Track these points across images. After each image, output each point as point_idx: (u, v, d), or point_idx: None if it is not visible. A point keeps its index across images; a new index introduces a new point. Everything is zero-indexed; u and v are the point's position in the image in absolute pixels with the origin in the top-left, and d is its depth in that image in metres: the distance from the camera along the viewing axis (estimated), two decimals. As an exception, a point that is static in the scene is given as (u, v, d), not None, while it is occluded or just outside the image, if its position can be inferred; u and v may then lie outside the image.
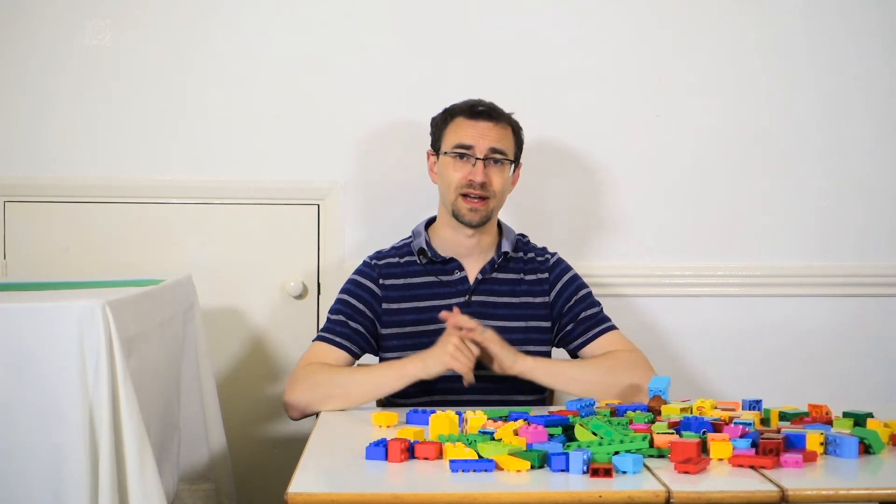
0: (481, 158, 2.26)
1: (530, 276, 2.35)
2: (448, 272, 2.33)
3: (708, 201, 2.86)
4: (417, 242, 2.34)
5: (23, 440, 1.71)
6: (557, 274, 2.36)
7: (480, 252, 2.34)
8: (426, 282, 2.33)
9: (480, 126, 2.28)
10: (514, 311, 2.32)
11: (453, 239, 2.33)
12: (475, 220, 2.27)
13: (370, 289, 2.32)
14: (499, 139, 2.28)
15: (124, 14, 2.73)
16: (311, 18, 2.76)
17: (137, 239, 2.74)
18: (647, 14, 2.83)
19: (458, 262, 2.33)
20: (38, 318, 1.72)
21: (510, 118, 2.34)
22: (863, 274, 2.87)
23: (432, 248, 2.33)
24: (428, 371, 2.12)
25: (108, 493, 1.69)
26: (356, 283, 2.33)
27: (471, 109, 2.30)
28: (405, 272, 2.33)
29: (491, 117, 2.29)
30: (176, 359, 2.28)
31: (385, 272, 2.33)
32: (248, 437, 2.76)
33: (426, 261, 2.33)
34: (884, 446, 1.78)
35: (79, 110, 2.73)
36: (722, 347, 2.86)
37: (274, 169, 2.77)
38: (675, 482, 1.59)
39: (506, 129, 2.31)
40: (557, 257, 2.40)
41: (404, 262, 2.34)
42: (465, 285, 2.32)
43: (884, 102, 2.86)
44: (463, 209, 2.27)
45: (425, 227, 2.38)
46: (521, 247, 2.39)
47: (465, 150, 2.27)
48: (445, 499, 1.56)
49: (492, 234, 2.36)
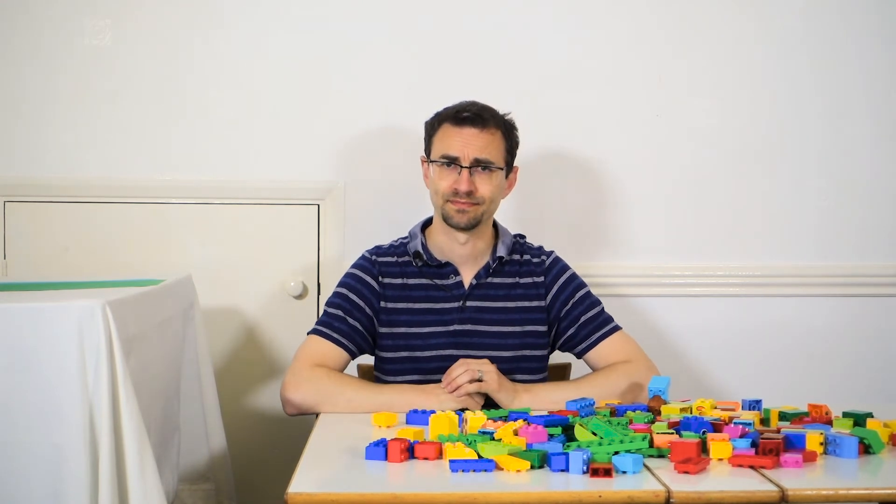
0: (467, 167, 2.23)
1: (525, 280, 2.33)
2: (443, 276, 2.31)
3: (708, 201, 2.86)
4: (413, 245, 2.32)
5: (23, 440, 1.71)
6: (553, 276, 2.34)
7: (475, 257, 2.32)
8: (421, 283, 2.31)
9: (465, 134, 2.24)
10: (510, 316, 2.31)
11: (447, 245, 2.31)
12: (463, 222, 2.25)
13: (370, 285, 2.30)
14: (484, 147, 2.24)
15: (124, 14, 2.73)
16: (311, 18, 2.76)
17: (137, 239, 2.74)
18: (647, 14, 2.83)
19: (453, 266, 2.31)
20: (38, 318, 1.72)
21: (500, 120, 2.29)
22: (863, 274, 2.87)
23: (428, 252, 2.31)
24: (441, 406, 2.11)
25: (108, 493, 1.69)
26: (356, 277, 2.32)
27: (456, 115, 2.26)
28: (402, 272, 2.32)
29: (475, 123, 2.24)
30: (176, 359, 2.28)
31: (384, 270, 2.32)
32: (248, 437, 2.76)
33: (422, 264, 2.32)
34: (884, 446, 1.78)
35: (79, 110, 2.73)
36: (722, 347, 2.86)
37: (274, 169, 2.77)
38: (675, 482, 1.59)
39: (493, 135, 2.26)
40: (553, 257, 2.38)
41: (401, 262, 2.33)
42: (460, 290, 2.31)
43: (884, 102, 2.86)
44: (451, 211, 2.25)
45: (422, 230, 2.36)
46: (518, 248, 2.36)
47: (451, 160, 2.24)
48: (445, 499, 1.56)
49: (486, 240, 2.33)
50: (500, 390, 2.12)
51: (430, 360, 2.27)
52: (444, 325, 2.28)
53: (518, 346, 2.29)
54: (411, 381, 2.26)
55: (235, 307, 2.77)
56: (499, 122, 2.29)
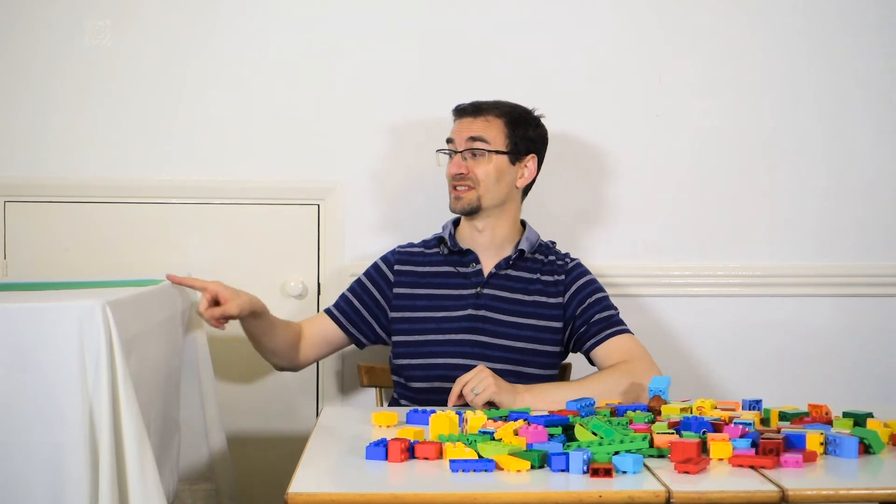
0: (459, 151, 2.36)
1: (547, 277, 2.40)
2: (465, 264, 2.41)
3: (708, 201, 2.86)
4: (443, 234, 2.44)
5: (23, 440, 1.70)
6: (574, 277, 2.41)
7: (498, 247, 2.42)
8: (443, 271, 2.42)
9: (462, 122, 2.41)
10: (525, 309, 2.36)
11: (469, 233, 2.43)
12: (458, 208, 2.38)
13: (384, 273, 2.45)
14: (478, 129, 2.37)
15: (124, 14, 2.73)
16: (312, 18, 2.76)
17: (137, 239, 2.74)
18: (647, 14, 2.83)
19: (475, 254, 2.41)
20: (38, 318, 1.72)
21: (504, 110, 2.40)
22: (863, 274, 2.87)
23: (453, 240, 2.42)
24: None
25: (108, 493, 1.68)
26: (376, 266, 2.49)
27: (456, 108, 2.44)
28: (426, 261, 2.44)
29: (469, 112, 2.40)
30: (176, 359, 2.28)
31: (404, 258, 2.45)
32: (248, 437, 2.76)
33: (447, 251, 2.42)
34: (884, 446, 1.79)
35: (79, 110, 2.73)
36: (722, 347, 2.85)
37: (274, 169, 2.77)
38: (675, 482, 1.59)
39: (488, 121, 2.38)
40: (577, 262, 2.46)
41: (430, 253, 2.45)
42: (479, 278, 2.39)
43: (884, 102, 2.86)
44: (452, 199, 2.39)
45: (453, 224, 2.47)
46: (544, 250, 2.45)
47: (450, 144, 2.41)
48: (445, 499, 1.56)
49: (506, 230, 2.42)
50: (501, 392, 2.13)
51: (442, 344, 2.34)
52: (460, 309, 2.36)
53: (531, 339, 2.34)
54: (422, 364, 2.35)
55: (235, 307, 2.76)
56: (502, 111, 2.40)
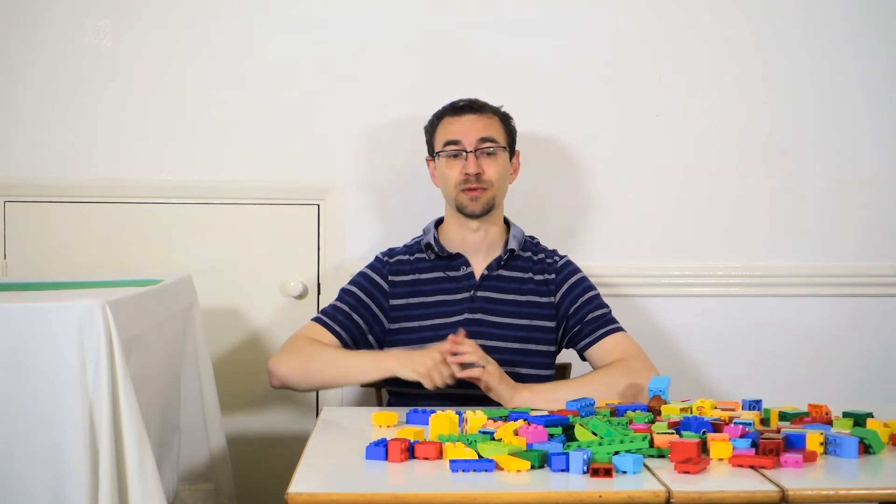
0: (472, 151, 2.32)
1: (539, 276, 2.39)
2: (455, 268, 2.37)
3: (708, 201, 2.86)
4: (426, 238, 2.39)
5: (23, 440, 1.70)
6: (565, 275, 2.39)
7: (487, 248, 2.38)
8: (433, 277, 2.37)
9: (465, 120, 2.36)
10: (519, 309, 2.35)
11: (460, 235, 2.38)
12: (478, 209, 2.32)
13: (379, 284, 2.36)
14: (485, 128, 2.34)
15: (124, 14, 2.73)
16: (311, 18, 2.76)
17: (137, 239, 2.74)
18: (647, 14, 2.83)
19: (464, 257, 2.37)
20: (38, 318, 1.72)
21: (496, 108, 2.40)
22: (863, 274, 2.87)
23: (440, 244, 2.37)
24: (403, 372, 2.13)
25: (108, 493, 1.68)
26: (366, 276, 2.39)
27: (452, 107, 2.40)
28: (414, 268, 2.38)
29: (473, 109, 2.37)
30: (176, 359, 2.28)
31: (394, 269, 2.38)
32: (248, 437, 2.76)
33: (434, 256, 2.37)
34: (884, 446, 1.79)
35: (79, 110, 2.73)
36: (722, 347, 2.85)
37: (274, 169, 2.77)
38: (675, 482, 1.59)
39: (491, 119, 2.37)
40: (566, 259, 2.44)
41: (414, 259, 2.39)
42: (471, 281, 2.36)
43: (884, 102, 2.86)
44: (465, 200, 2.33)
45: (435, 226, 2.42)
46: (531, 247, 2.43)
47: (455, 145, 2.33)
48: (445, 499, 1.56)
49: (498, 229, 2.40)
50: (501, 384, 2.13)
51: None
52: (455, 315, 2.33)
53: (525, 340, 2.33)
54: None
55: (235, 307, 2.77)
56: (494, 109, 2.40)
